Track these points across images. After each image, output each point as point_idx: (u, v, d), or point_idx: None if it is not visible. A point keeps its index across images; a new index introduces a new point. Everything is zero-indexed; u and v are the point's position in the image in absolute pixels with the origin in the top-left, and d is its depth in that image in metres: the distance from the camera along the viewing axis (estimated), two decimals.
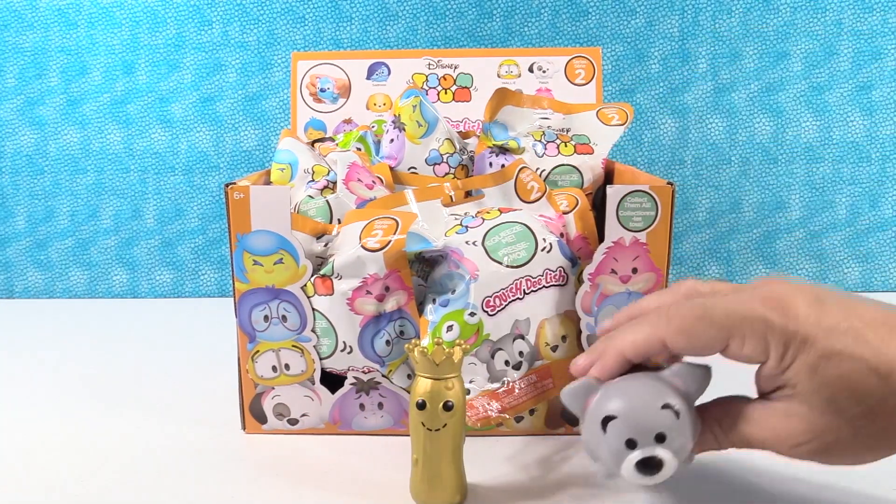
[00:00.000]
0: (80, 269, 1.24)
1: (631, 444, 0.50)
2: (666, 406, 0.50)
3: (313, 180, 0.79)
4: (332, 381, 0.73)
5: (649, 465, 0.50)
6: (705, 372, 0.53)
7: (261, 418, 0.73)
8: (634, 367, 0.55)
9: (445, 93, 0.95)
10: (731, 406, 0.53)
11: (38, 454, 0.70)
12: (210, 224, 1.23)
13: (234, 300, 0.70)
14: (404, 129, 0.83)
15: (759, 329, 0.47)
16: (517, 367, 0.70)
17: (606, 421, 0.51)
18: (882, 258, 1.21)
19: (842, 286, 1.22)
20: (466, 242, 0.70)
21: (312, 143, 0.89)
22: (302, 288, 0.69)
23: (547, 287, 0.71)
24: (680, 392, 0.51)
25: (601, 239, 0.69)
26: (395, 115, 0.84)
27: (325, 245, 0.72)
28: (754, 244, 1.22)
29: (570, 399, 0.55)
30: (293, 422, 0.73)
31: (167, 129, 1.21)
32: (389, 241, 0.68)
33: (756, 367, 0.51)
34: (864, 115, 1.18)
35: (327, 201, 0.76)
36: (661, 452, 0.49)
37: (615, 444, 0.50)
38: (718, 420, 0.52)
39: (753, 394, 0.53)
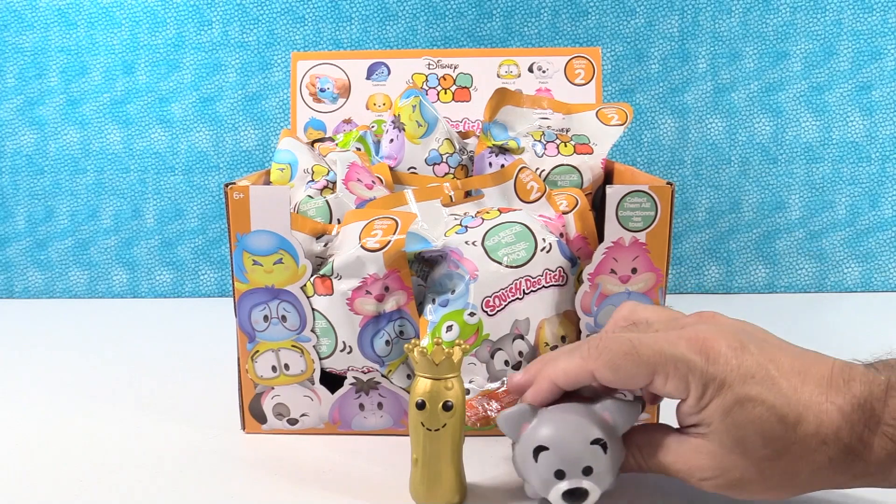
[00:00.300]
0: (79, 269, 1.24)
1: (559, 475, 0.54)
2: (595, 441, 0.54)
3: (313, 180, 0.79)
4: (332, 381, 0.73)
5: (575, 495, 0.54)
6: (634, 408, 0.56)
7: (260, 418, 0.73)
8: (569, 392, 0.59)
9: (445, 93, 0.95)
10: (652, 435, 0.57)
11: (37, 454, 0.70)
12: (210, 224, 1.23)
13: (234, 300, 0.71)
14: (404, 129, 0.83)
15: (682, 369, 0.51)
16: (517, 367, 0.70)
17: (538, 450, 0.55)
18: (882, 258, 1.21)
19: (842, 286, 1.22)
20: (466, 242, 0.70)
21: (312, 143, 0.89)
22: (301, 288, 0.69)
23: (546, 287, 0.71)
24: (609, 426, 0.55)
25: (601, 239, 0.69)
26: (394, 115, 0.84)
27: (325, 245, 0.73)
28: (754, 244, 1.22)
29: (506, 425, 0.58)
30: (293, 422, 0.73)
31: (167, 129, 1.21)
32: (389, 241, 0.68)
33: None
34: (864, 114, 1.18)
35: (327, 201, 0.76)
36: (586, 484, 0.54)
37: (545, 473, 0.55)
38: (640, 447, 0.57)
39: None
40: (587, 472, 0.54)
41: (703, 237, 1.22)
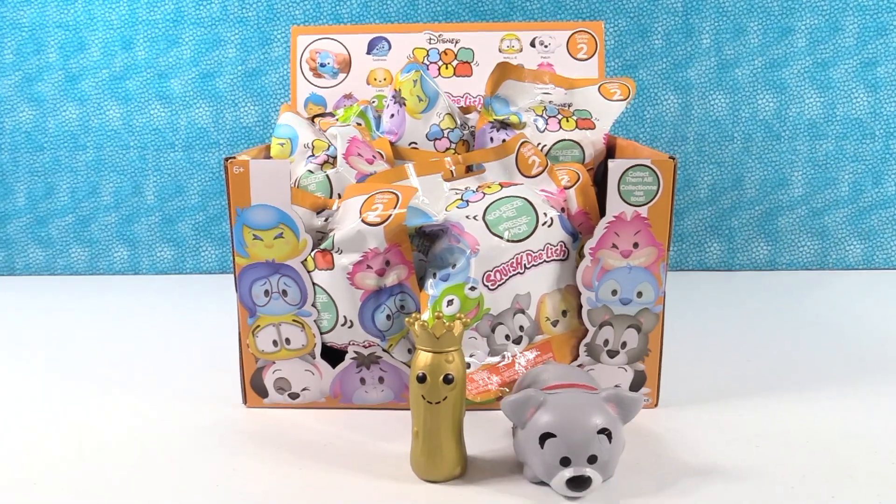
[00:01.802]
0: (80, 245, 1.24)
1: (565, 462, 0.55)
2: (601, 431, 0.55)
3: (313, 155, 0.78)
4: (333, 355, 0.73)
5: (578, 482, 0.55)
6: (637, 400, 0.57)
7: (262, 392, 0.74)
8: (575, 368, 0.59)
9: (446, 67, 0.94)
10: None
11: (40, 429, 0.70)
12: (210, 200, 1.23)
13: (235, 275, 0.70)
14: (405, 104, 0.82)
15: None
16: (517, 341, 0.70)
17: (545, 437, 0.56)
18: (884, 235, 1.21)
19: (843, 264, 1.22)
20: (467, 217, 0.69)
21: (312, 118, 0.88)
22: (302, 262, 0.69)
23: (548, 261, 0.70)
24: (613, 417, 0.56)
25: (602, 214, 0.69)
26: (395, 90, 0.83)
27: (326, 220, 0.72)
28: (756, 221, 1.21)
29: (511, 410, 0.58)
30: (294, 396, 0.73)
31: (166, 105, 1.20)
32: (390, 216, 0.67)
33: None
34: (869, 91, 1.17)
35: (327, 176, 0.76)
36: (590, 472, 0.55)
37: (550, 460, 0.56)
38: None
39: None
40: (592, 460, 0.55)
41: (705, 214, 1.22)
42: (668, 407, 0.73)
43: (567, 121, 0.81)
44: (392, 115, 0.83)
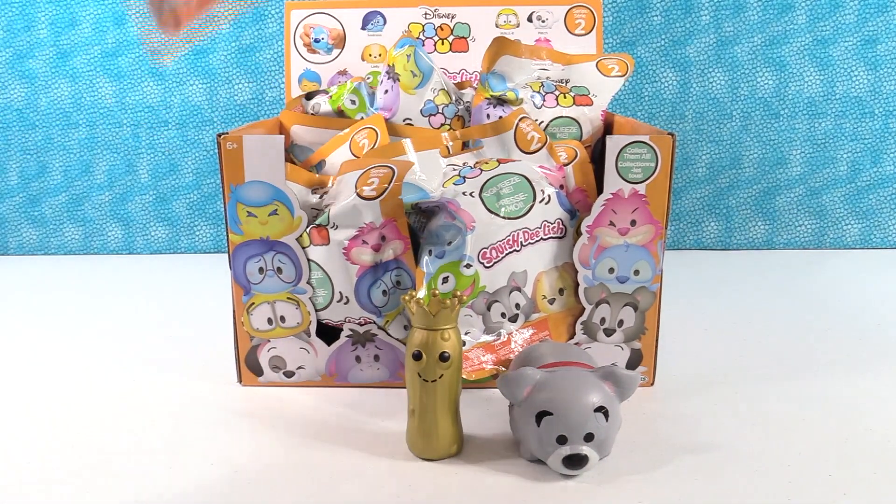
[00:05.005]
0: (74, 224, 1.23)
1: (561, 440, 0.55)
2: (598, 409, 0.55)
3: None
4: (329, 333, 0.72)
5: (575, 460, 0.55)
6: (634, 378, 0.57)
7: (257, 371, 0.73)
8: (572, 346, 0.58)
9: (442, 43, 0.93)
10: None
11: (34, 407, 0.70)
12: (205, 179, 1.22)
13: (229, 252, 0.70)
14: (399, 80, 0.81)
15: None
16: (514, 319, 0.70)
17: (542, 415, 0.55)
18: (882, 215, 1.20)
19: (841, 243, 1.21)
20: (464, 193, 0.69)
21: (306, 96, 0.87)
22: (297, 239, 0.68)
23: (545, 239, 0.70)
24: (610, 395, 0.56)
25: (600, 191, 0.68)
26: (389, 66, 0.82)
27: (321, 197, 0.71)
28: (754, 200, 1.21)
29: (506, 388, 0.57)
30: (289, 374, 0.73)
31: (159, 82, 1.18)
32: (385, 189, 0.67)
33: None
34: (869, 69, 1.16)
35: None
36: (587, 450, 0.55)
37: (546, 438, 0.55)
38: None
39: None
40: (588, 438, 0.55)
41: (703, 193, 1.21)
42: (664, 385, 0.73)
43: (564, 97, 0.80)
44: (386, 92, 0.82)
